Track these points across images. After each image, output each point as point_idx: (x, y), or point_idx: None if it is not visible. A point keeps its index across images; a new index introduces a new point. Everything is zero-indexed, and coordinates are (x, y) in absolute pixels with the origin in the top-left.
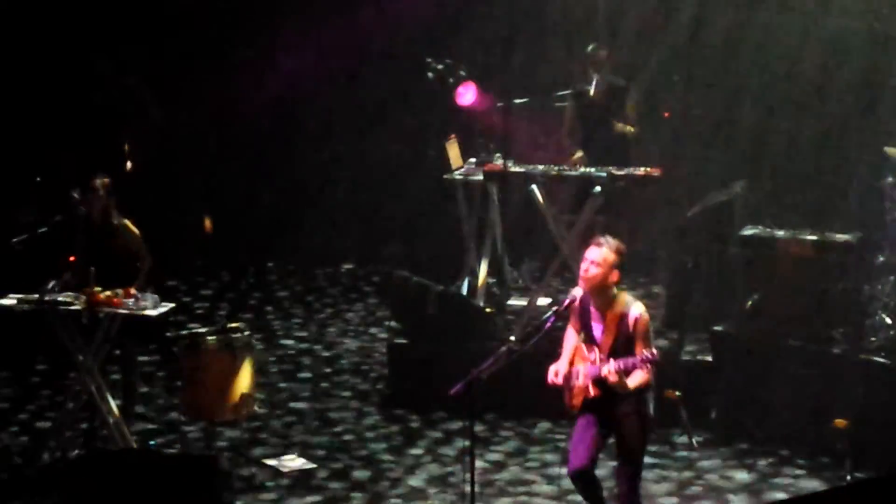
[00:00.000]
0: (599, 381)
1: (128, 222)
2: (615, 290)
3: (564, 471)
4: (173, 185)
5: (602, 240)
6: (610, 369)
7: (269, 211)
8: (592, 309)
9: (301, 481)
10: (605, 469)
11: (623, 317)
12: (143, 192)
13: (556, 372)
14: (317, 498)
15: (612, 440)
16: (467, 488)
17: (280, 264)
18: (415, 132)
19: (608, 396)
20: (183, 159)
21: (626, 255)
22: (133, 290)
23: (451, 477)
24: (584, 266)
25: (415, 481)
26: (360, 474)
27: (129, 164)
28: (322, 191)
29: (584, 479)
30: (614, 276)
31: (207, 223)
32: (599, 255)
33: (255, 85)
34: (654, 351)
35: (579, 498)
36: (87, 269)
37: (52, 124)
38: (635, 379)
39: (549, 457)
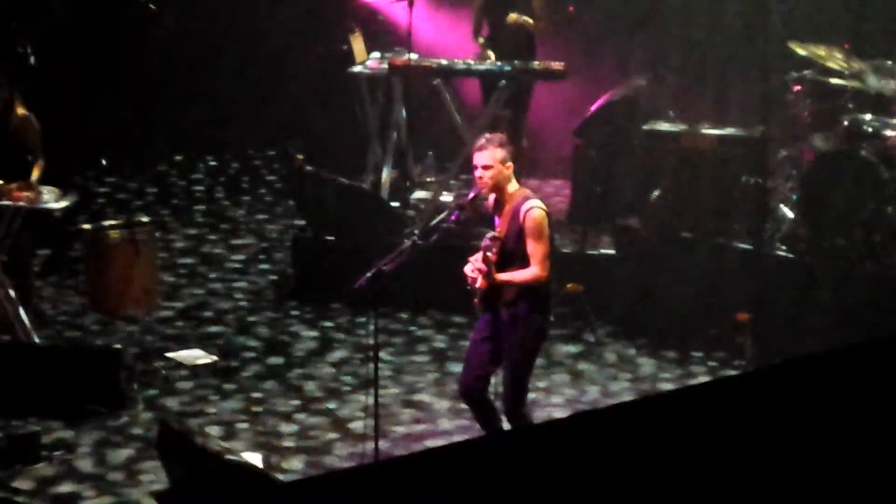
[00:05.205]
0: (486, 275)
1: (30, 115)
2: (514, 185)
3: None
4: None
5: (483, 141)
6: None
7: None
8: (498, 205)
9: (205, 374)
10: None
11: (516, 212)
12: (49, 86)
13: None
14: (217, 387)
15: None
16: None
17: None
18: (317, 26)
19: (498, 295)
20: (85, 51)
21: (510, 145)
22: (32, 184)
23: (356, 371)
24: (476, 174)
25: (321, 373)
26: (264, 365)
27: (31, 58)
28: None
29: (472, 400)
30: (507, 169)
31: None
32: (487, 157)
33: None
34: (495, 235)
35: None
36: None
37: None
38: (514, 274)
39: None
